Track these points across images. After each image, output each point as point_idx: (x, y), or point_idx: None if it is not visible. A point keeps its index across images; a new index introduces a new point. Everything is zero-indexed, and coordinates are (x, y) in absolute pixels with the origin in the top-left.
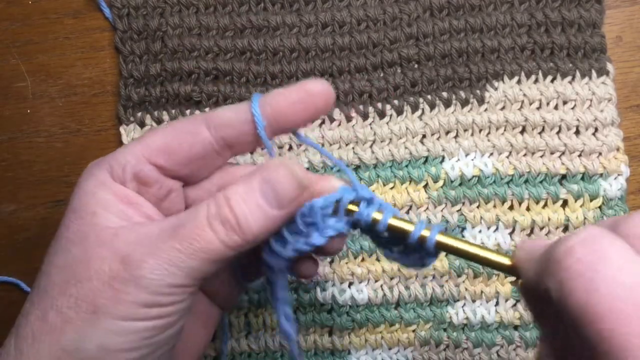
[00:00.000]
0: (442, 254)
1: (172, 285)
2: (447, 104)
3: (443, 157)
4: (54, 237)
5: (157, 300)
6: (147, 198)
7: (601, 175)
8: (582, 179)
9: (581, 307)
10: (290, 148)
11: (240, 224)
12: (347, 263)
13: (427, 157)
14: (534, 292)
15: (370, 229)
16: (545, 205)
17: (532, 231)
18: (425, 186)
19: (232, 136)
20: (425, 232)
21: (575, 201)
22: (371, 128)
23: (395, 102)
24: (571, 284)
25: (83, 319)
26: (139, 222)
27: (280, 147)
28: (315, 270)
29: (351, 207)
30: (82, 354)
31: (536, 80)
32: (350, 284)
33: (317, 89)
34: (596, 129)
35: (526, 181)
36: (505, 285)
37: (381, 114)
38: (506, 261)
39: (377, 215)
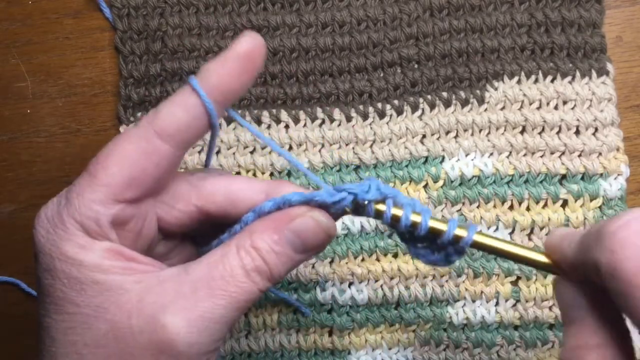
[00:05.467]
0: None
1: (215, 340)
2: (447, 104)
3: (443, 157)
4: (51, 314)
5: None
6: (124, 237)
7: (601, 175)
8: (582, 179)
9: (634, 274)
10: (290, 148)
11: (273, 274)
12: (347, 263)
13: (427, 157)
14: (576, 275)
15: (407, 230)
16: (545, 205)
17: (532, 231)
18: (425, 186)
19: (191, 137)
20: (460, 232)
21: (575, 201)
22: (371, 128)
23: (395, 102)
24: (625, 252)
25: None
26: (146, 273)
27: (283, 147)
28: None
29: (379, 206)
30: None
31: (536, 80)
32: (350, 284)
33: (249, 46)
34: (596, 129)
35: (526, 181)
36: (505, 285)
37: (381, 114)
38: (542, 258)
39: (416, 217)
